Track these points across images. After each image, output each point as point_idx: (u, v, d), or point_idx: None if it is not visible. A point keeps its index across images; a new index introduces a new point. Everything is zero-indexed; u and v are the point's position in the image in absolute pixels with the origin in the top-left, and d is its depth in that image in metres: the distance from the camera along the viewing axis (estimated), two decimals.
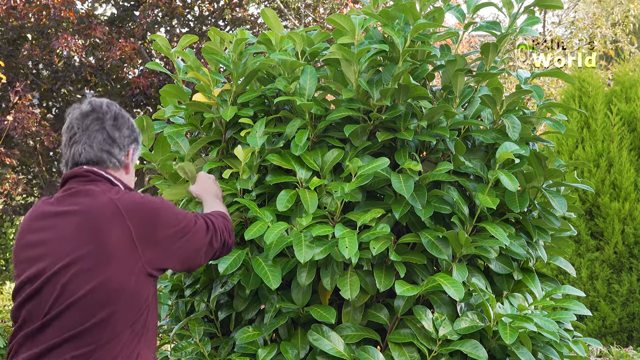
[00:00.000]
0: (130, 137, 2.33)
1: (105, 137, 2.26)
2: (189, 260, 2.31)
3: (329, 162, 2.87)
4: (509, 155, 2.70)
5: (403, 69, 2.79)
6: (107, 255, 2.10)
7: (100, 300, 2.09)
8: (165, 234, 2.21)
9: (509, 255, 2.93)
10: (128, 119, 2.34)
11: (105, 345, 2.09)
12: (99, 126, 2.26)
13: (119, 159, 2.29)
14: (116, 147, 2.28)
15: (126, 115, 2.34)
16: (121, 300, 2.11)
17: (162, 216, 2.22)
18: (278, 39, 3.00)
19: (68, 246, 2.12)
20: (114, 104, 2.33)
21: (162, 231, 2.20)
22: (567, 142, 7.65)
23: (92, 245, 2.10)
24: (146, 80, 11.94)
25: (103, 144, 2.26)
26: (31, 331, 2.12)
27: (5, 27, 12.15)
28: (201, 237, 2.33)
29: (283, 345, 2.76)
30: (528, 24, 2.95)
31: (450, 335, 2.70)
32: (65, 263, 2.11)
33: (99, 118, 2.27)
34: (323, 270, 2.77)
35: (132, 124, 2.36)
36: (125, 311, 2.12)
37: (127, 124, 2.33)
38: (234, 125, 3.02)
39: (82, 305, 2.08)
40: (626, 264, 7.27)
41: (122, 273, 2.11)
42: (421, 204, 2.77)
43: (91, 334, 2.08)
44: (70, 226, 2.14)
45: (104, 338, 2.09)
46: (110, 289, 2.10)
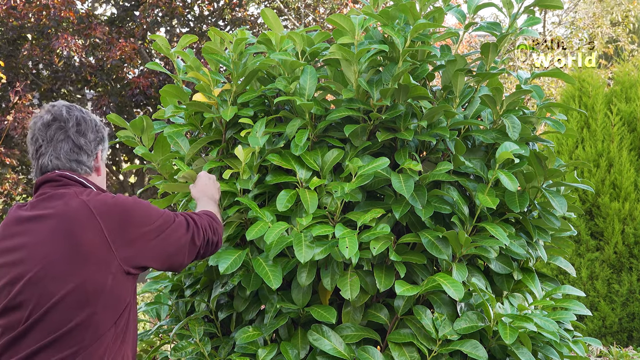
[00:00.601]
0: (96, 139, 2.32)
1: (72, 146, 2.26)
2: (169, 258, 2.30)
3: (329, 162, 2.87)
4: (509, 155, 2.70)
5: (403, 69, 2.79)
6: (82, 257, 2.11)
7: (79, 301, 2.10)
8: (139, 232, 2.20)
9: (509, 255, 2.93)
10: (91, 121, 2.32)
11: (89, 346, 2.10)
12: (63, 135, 2.25)
13: (88, 165, 2.30)
14: (84, 154, 2.28)
15: (88, 118, 2.32)
16: (100, 301, 2.12)
17: (135, 215, 2.21)
18: (278, 39, 3.00)
19: (44, 250, 2.13)
20: (74, 108, 2.31)
21: (136, 229, 2.19)
22: (567, 142, 7.65)
23: (66, 248, 2.11)
24: (146, 80, 11.94)
25: (70, 154, 2.26)
26: (14, 337, 2.11)
27: (5, 27, 12.15)
28: (181, 234, 2.31)
29: (283, 345, 2.76)
30: (528, 24, 2.95)
31: (450, 335, 2.70)
32: (41, 267, 2.11)
33: (61, 127, 2.25)
34: (323, 270, 2.77)
35: (96, 124, 2.34)
36: (105, 311, 2.13)
37: (91, 126, 2.31)
38: (234, 125, 3.02)
39: (62, 308, 2.09)
40: (626, 264, 7.27)
41: (99, 273, 2.12)
42: (421, 204, 2.77)
43: (73, 336, 2.09)
44: (45, 230, 2.15)
45: (87, 339, 2.10)
46: (88, 290, 2.10)
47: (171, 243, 2.28)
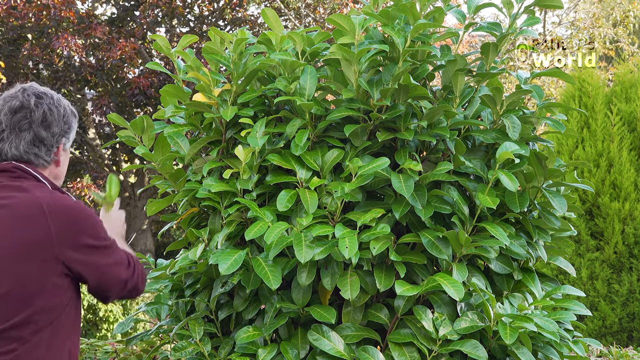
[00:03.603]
0: (61, 132, 2.29)
1: (32, 138, 2.23)
2: (102, 283, 2.23)
3: (329, 162, 2.87)
4: (509, 155, 2.70)
5: (403, 69, 2.79)
6: (25, 253, 2.09)
7: (20, 299, 2.08)
8: (87, 242, 2.16)
9: (509, 255, 2.93)
10: (59, 113, 2.28)
11: (27, 343, 2.08)
12: (27, 125, 2.23)
13: (46, 159, 2.27)
14: (43, 147, 2.25)
15: (57, 110, 2.27)
16: (40, 299, 2.10)
17: (87, 224, 2.18)
18: (278, 39, 3.00)
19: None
20: (44, 97, 2.27)
21: (85, 238, 2.16)
22: (567, 142, 7.66)
23: (12, 242, 2.09)
24: (146, 80, 11.95)
25: (29, 146, 2.23)
26: None
27: (5, 27, 12.16)
28: (122, 270, 2.25)
29: (283, 345, 2.77)
30: (528, 24, 2.95)
31: (450, 335, 2.70)
32: None
33: (26, 117, 2.23)
34: (323, 270, 2.77)
35: (64, 115, 2.29)
36: (45, 310, 2.11)
37: (58, 119, 2.28)
38: (234, 125, 3.02)
39: (7, 303, 2.07)
40: (626, 264, 7.27)
41: (41, 272, 2.10)
42: (421, 204, 2.77)
43: (12, 334, 2.07)
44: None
45: (26, 337, 2.08)
46: (29, 287, 2.08)
47: (112, 271, 2.23)
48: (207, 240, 2.96)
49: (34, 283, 2.09)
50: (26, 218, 2.11)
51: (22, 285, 2.08)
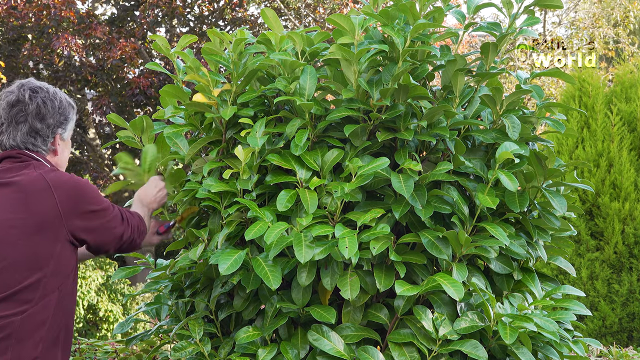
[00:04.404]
0: (57, 123, 2.52)
1: (28, 130, 2.47)
2: (103, 243, 2.53)
3: (329, 162, 2.87)
4: (509, 155, 2.70)
5: (403, 69, 2.79)
6: (36, 225, 2.35)
7: (30, 266, 2.33)
8: (88, 209, 2.45)
9: (509, 255, 2.93)
10: (53, 106, 2.51)
11: (38, 303, 2.34)
12: (23, 118, 2.47)
13: (43, 148, 2.50)
14: (39, 138, 2.49)
15: (50, 103, 2.50)
16: (49, 266, 2.36)
17: (86, 193, 2.46)
18: (278, 39, 3.00)
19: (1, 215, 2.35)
20: (39, 91, 2.49)
21: (86, 205, 2.45)
22: (567, 142, 7.66)
23: (23, 215, 2.35)
24: (146, 80, 11.95)
25: (26, 137, 2.47)
26: None
27: (5, 27, 12.16)
28: (116, 225, 2.55)
29: (283, 345, 2.77)
30: (528, 24, 2.95)
31: (450, 335, 2.70)
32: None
33: (22, 110, 2.46)
34: (323, 270, 2.77)
35: (59, 107, 2.52)
36: (52, 276, 2.37)
37: (52, 111, 2.50)
38: (234, 126, 3.02)
39: (15, 269, 2.32)
40: (626, 264, 7.27)
41: (50, 240, 2.36)
42: (421, 204, 2.77)
43: (23, 296, 2.32)
44: (4, 197, 2.37)
45: (35, 300, 2.33)
46: (39, 255, 2.35)
47: (108, 229, 2.52)
48: (207, 241, 2.96)
49: (44, 251, 2.36)
50: (34, 192, 2.37)
51: (33, 253, 2.34)
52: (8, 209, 2.36)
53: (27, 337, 2.32)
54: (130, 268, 3.18)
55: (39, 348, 2.35)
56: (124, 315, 9.38)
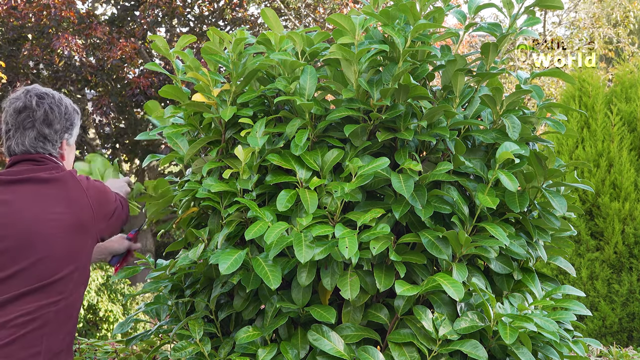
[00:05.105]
0: (63, 128, 2.56)
1: (36, 135, 2.51)
2: (114, 233, 2.72)
3: (329, 162, 2.87)
4: (509, 155, 2.70)
5: (403, 69, 2.79)
6: (77, 221, 2.45)
7: (67, 258, 2.42)
8: (109, 210, 2.60)
9: (509, 255, 2.93)
10: (60, 111, 2.55)
11: (70, 296, 2.43)
12: (31, 124, 2.50)
13: (51, 152, 2.54)
14: (48, 143, 2.53)
15: (57, 109, 2.56)
16: (82, 259, 2.48)
17: (107, 195, 2.61)
18: (278, 39, 3.00)
19: (37, 208, 2.41)
20: (46, 97, 2.53)
21: (107, 207, 2.60)
22: (567, 142, 7.66)
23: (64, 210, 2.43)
24: (146, 80, 11.95)
25: (34, 142, 2.51)
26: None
27: (5, 27, 12.16)
28: (123, 212, 2.72)
29: (283, 345, 2.76)
30: (528, 25, 2.95)
31: (450, 335, 2.70)
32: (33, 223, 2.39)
33: (29, 116, 2.50)
34: (323, 270, 2.77)
35: (65, 113, 2.57)
36: (82, 269, 2.49)
37: (59, 117, 2.54)
38: (234, 126, 3.02)
39: (55, 261, 2.40)
40: (626, 264, 7.27)
41: (84, 237, 2.48)
42: (421, 204, 2.77)
43: (59, 286, 2.40)
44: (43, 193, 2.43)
45: (69, 290, 2.43)
46: (74, 249, 2.45)
47: (119, 221, 2.69)
48: (207, 241, 2.96)
49: (78, 246, 2.46)
50: (73, 190, 2.47)
51: (70, 247, 2.44)
52: (51, 203, 2.42)
53: (59, 329, 2.41)
54: (130, 268, 3.18)
55: (66, 341, 2.44)
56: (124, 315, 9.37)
